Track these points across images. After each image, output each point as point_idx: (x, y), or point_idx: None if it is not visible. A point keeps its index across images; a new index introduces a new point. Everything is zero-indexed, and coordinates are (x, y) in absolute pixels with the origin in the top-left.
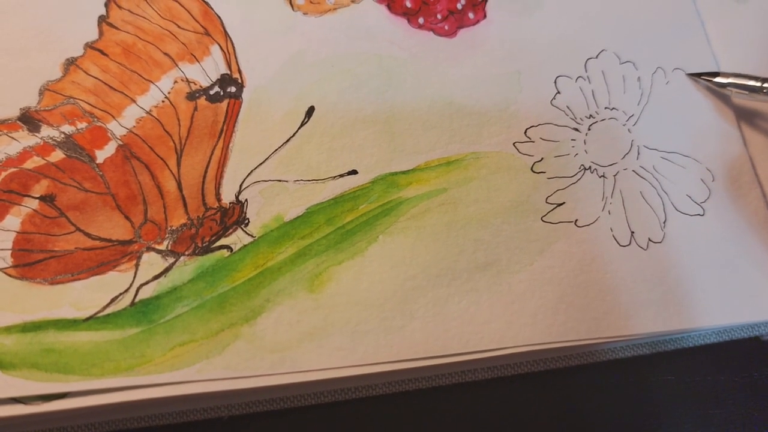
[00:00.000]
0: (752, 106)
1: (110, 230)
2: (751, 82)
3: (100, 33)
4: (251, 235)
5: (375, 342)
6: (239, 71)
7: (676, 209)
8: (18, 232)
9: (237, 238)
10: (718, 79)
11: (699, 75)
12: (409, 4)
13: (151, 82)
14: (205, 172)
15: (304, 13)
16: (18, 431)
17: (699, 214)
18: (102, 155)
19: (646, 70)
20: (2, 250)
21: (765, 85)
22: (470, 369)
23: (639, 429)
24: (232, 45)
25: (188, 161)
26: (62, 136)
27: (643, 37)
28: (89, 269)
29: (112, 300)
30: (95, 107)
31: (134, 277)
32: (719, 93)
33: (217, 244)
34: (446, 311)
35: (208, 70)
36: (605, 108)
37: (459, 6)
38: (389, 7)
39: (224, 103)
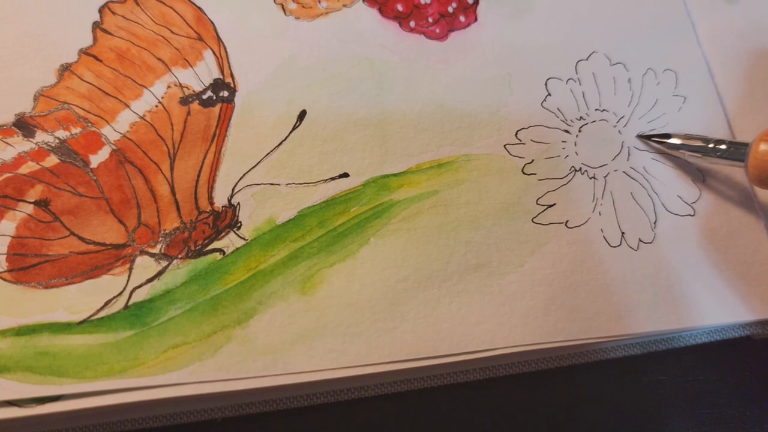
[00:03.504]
0: (743, 106)
1: (104, 234)
2: (702, 144)
3: (95, 39)
4: (243, 238)
5: (366, 343)
6: (232, 76)
7: (667, 210)
8: (13, 237)
9: (229, 242)
10: (671, 141)
11: (650, 137)
12: (400, 8)
13: (145, 87)
14: (198, 176)
15: (296, 18)
16: None
17: (689, 215)
18: (96, 160)
19: (637, 72)
20: None
21: (718, 146)
22: (462, 370)
23: (631, 429)
24: (224, 50)
25: (181, 165)
26: (57, 141)
27: (634, 39)
28: (83, 273)
29: (106, 303)
30: (89, 112)
31: (128, 281)
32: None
33: (210, 247)
34: (437, 313)
35: (201, 75)
36: (596, 109)
37: (450, 9)
38: (381, 11)
39: (217, 108)
